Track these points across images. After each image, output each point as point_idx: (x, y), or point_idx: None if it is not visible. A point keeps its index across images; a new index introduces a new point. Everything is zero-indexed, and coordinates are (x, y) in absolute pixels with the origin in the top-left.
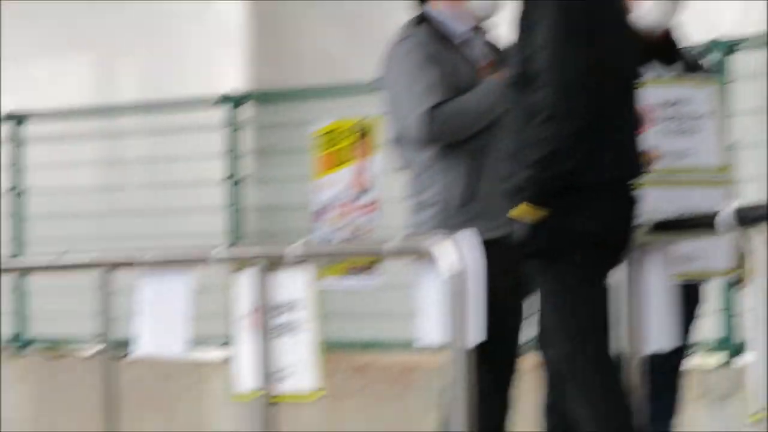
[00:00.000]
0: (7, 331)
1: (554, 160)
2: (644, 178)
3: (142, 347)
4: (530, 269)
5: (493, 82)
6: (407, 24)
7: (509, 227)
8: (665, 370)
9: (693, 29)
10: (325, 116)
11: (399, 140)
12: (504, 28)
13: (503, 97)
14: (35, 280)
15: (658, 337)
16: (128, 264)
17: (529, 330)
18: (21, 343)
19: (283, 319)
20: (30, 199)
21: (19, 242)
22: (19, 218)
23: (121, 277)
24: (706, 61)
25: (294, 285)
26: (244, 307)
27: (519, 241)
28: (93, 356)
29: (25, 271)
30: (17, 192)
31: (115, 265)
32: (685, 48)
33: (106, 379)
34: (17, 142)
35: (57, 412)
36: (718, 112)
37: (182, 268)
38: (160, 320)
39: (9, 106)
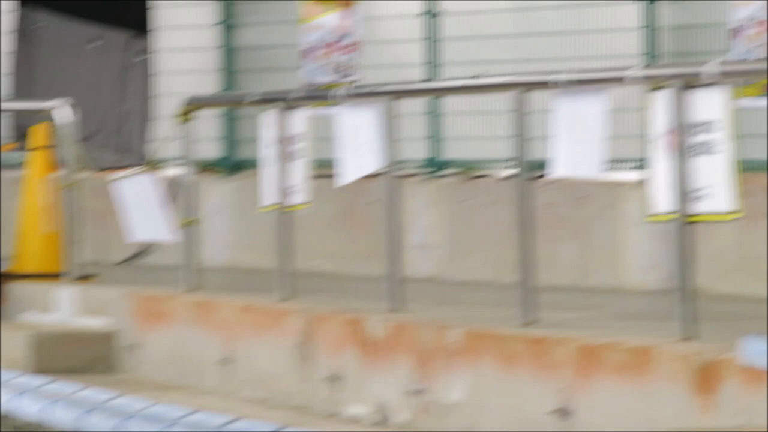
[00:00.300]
0: (423, 154)
1: None
2: None
3: (557, 169)
4: None
5: None
6: None
7: None
8: None
9: None
10: None
11: None
12: None
13: None
14: (450, 103)
15: None
16: (543, 85)
17: None
18: (436, 165)
19: (699, 139)
20: (444, 21)
21: (433, 65)
22: (433, 41)
23: (536, 98)
24: None
25: (710, 105)
26: (659, 127)
27: None
28: (508, 178)
29: (440, 93)
30: (432, 14)
31: (529, 86)
32: None
33: (520, 200)
34: None
35: (471, 234)
36: None
37: (597, 88)
38: (575, 141)
39: None
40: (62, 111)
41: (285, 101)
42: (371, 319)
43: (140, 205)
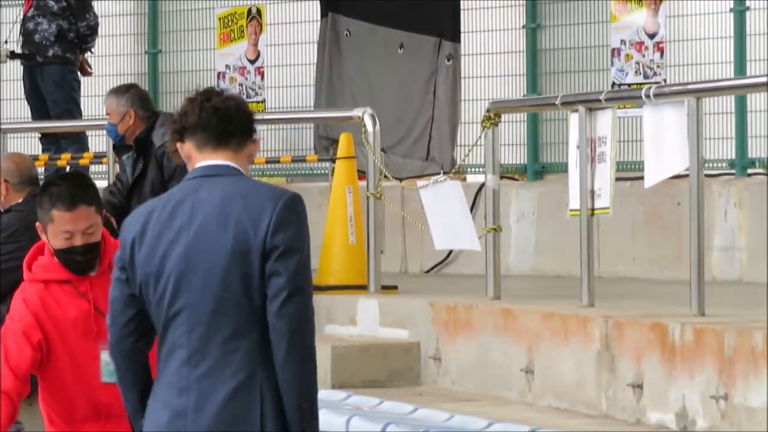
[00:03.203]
0: (729, 154)
1: None
2: None
3: None
4: None
5: None
6: None
7: None
8: None
9: None
10: None
11: None
12: None
13: None
14: (756, 100)
15: None
16: None
17: None
18: (742, 165)
19: None
20: (751, 17)
21: (740, 62)
22: (740, 37)
23: None
24: None
25: None
26: None
27: None
28: None
29: (747, 90)
30: (739, 10)
31: None
32: None
33: None
34: None
35: None
36: None
37: None
38: None
39: None
40: (367, 119)
41: (590, 103)
42: (674, 323)
43: (444, 213)
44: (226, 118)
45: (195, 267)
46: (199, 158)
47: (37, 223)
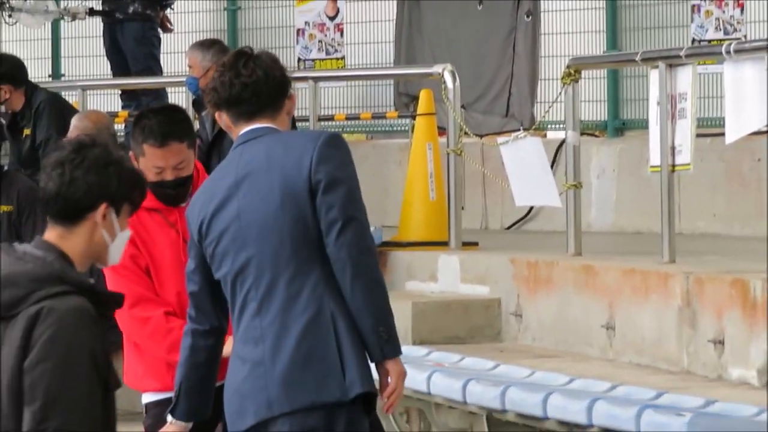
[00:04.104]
0: None
1: None
2: None
3: None
4: None
5: None
6: None
7: None
8: None
9: None
10: None
11: None
12: None
13: None
14: None
15: None
16: None
17: None
18: None
19: None
20: None
21: None
22: None
23: None
24: None
25: None
26: None
27: None
28: None
29: None
30: None
31: None
32: None
33: None
34: None
35: None
36: None
37: None
38: None
39: None
40: (447, 76)
41: (670, 59)
42: (755, 279)
43: (525, 170)
44: (255, 93)
45: (249, 222)
46: (238, 129)
47: (131, 152)
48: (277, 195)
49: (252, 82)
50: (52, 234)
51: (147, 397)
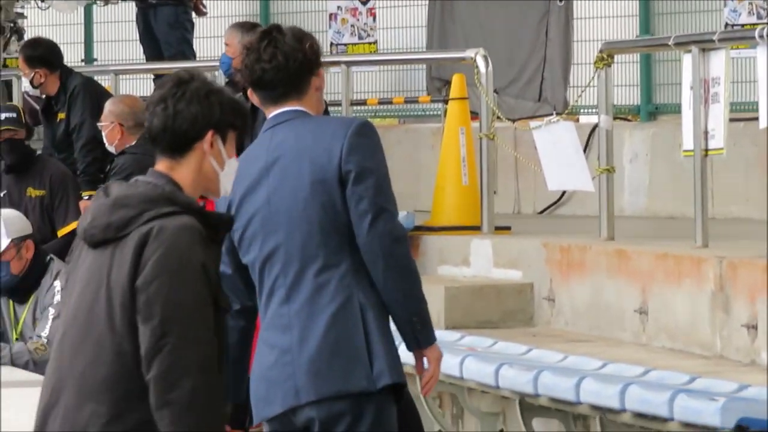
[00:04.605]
0: None
1: None
2: None
3: None
4: None
5: None
6: None
7: None
8: None
9: None
10: None
11: None
12: None
13: None
14: None
15: None
16: None
17: None
18: None
19: None
20: None
21: None
22: None
23: None
24: None
25: None
26: None
27: None
28: None
29: None
30: None
31: None
32: None
33: None
34: None
35: None
36: None
37: None
38: None
39: None
40: (480, 60)
41: (703, 43)
42: None
43: (557, 154)
44: (277, 78)
45: (278, 208)
46: (267, 111)
47: None
48: (306, 183)
49: (272, 67)
50: (161, 166)
51: None
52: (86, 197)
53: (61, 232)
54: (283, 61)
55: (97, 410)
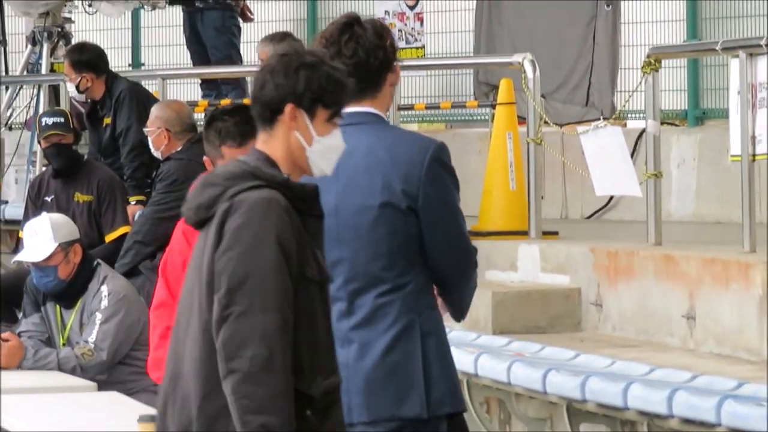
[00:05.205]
0: None
1: None
2: None
3: None
4: None
5: None
6: None
7: None
8: None
9: None
10: None
11: None
12: None
13: None
14: None
15: None
16: None
17: None
18: None
19: None
20: None
21: None
22: None
23: None
24: None
25: None
26: None
27: None
28: None
29: None
30: None
31: None
32: None
33: None
34: None
35: None
36: None
37: None
38: None
39: None
40: (527, 65)
41: (751, 48)
42: None
43: (605, 159)
44: (358, 75)
45: (346, 222)
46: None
47: (206, 157)
48: (377, 203)
49: (352, 63)
50: (258, 140)
51: None
52: (133, 202)
53: (109, 238)
54: (365, 58)
55: (195, 388)
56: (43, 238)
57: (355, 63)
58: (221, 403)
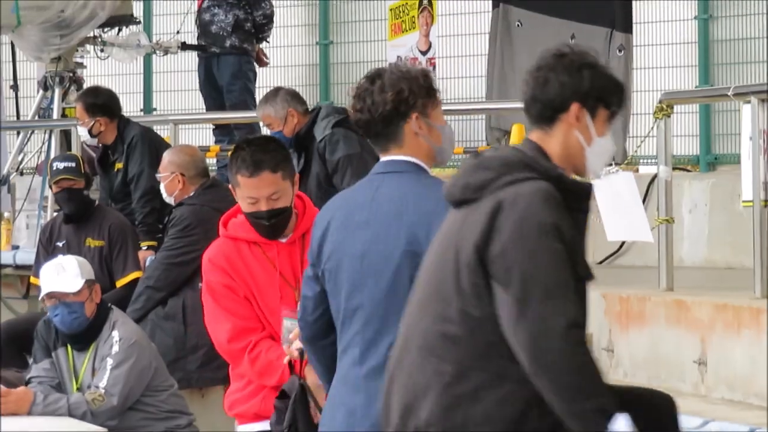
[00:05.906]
0: None
1: None
2: None
3: None
4: None
5: None
6: None
7: None
8: None
9: None
10: None
11: None
12: None
13: None
14: None
15: None
16: None
17: None
18: None
19: None
20: None
21: None
22: None
23: None
24: None
25: None
26: None
27: None
28: None
29: None
30: None
31: None
32: None
33: None
34: None
35: None
36: None
37: None
38: None
39: None
40: None
41: (762, 94)
42: None
43: (617, 204)
44: (368, 131)
45: (369, 268)
46: (379, 154)
47: (230, 185)
48: (400, 252)
49: (361, 119)
50: (533, 135)
51: (241, 429)
52: (145, 248)
53: (120, 283)
54: (368, 115)
55: (439, 368)
56: (71, 274)
57: (366, 119)
58: (467, 389)
